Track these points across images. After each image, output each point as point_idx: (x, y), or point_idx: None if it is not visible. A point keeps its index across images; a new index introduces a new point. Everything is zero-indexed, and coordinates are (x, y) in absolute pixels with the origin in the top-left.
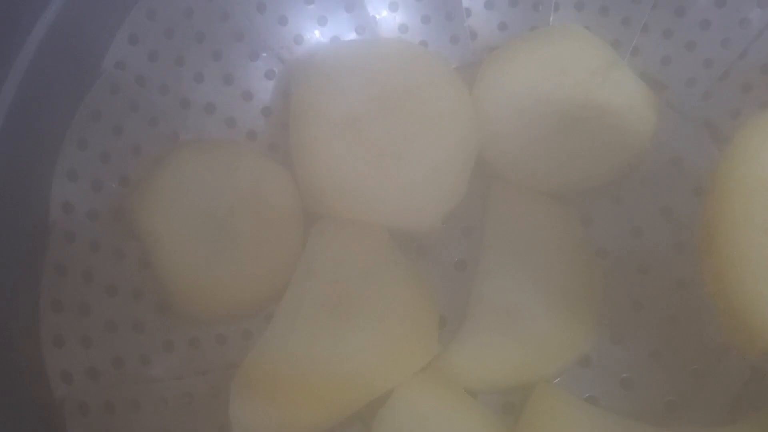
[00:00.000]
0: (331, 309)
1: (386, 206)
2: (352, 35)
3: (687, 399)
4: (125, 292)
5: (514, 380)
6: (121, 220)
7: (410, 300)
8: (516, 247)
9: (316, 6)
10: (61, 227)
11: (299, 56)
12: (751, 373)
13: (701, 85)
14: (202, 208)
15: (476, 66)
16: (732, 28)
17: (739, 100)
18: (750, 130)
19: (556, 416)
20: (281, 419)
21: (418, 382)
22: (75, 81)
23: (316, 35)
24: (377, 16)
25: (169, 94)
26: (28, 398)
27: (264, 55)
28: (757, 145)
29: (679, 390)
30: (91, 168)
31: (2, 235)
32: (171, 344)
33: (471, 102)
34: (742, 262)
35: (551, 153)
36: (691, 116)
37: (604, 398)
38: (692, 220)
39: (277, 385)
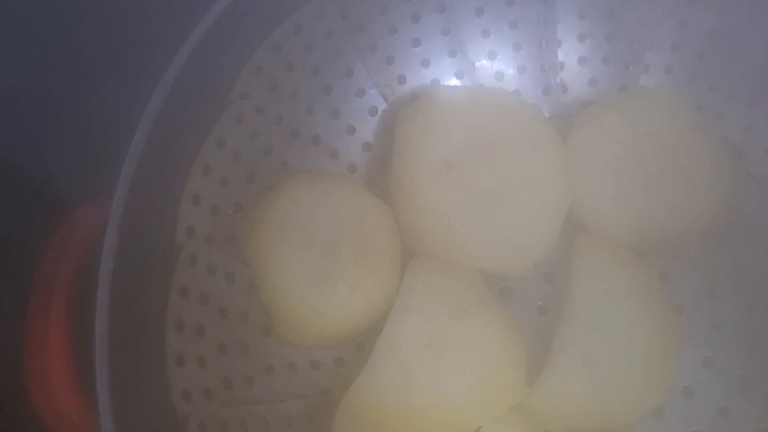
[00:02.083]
0: (427, 345)
1: (481, 249)
2: (452, 79)
3: None
4: (234, 315)
5: (590, 426)
6: (233, 245)
7: (502, 341)
8: (599, 298)
9: (422, 49)
10: (186, 251)
11: (401, 95)
12: None
13: None
14: (307, 238)
15: (566, 118)
16: None
17: None
18: None
19: None
20: None
21: (503, 421)
22: (207, 111)
23: (418, 77)
24: (476, 63)
25: (282, 125)
26: (156, 416)
27: (370, 92)
28: None
29: None
30: (212, 194)
31: (139, 260)
32: (272, 368)
33: (564, 154)
34: None
35: (635, 210)
36: (767, 184)
37: None
38: (764, 283)
39: (377, 417)
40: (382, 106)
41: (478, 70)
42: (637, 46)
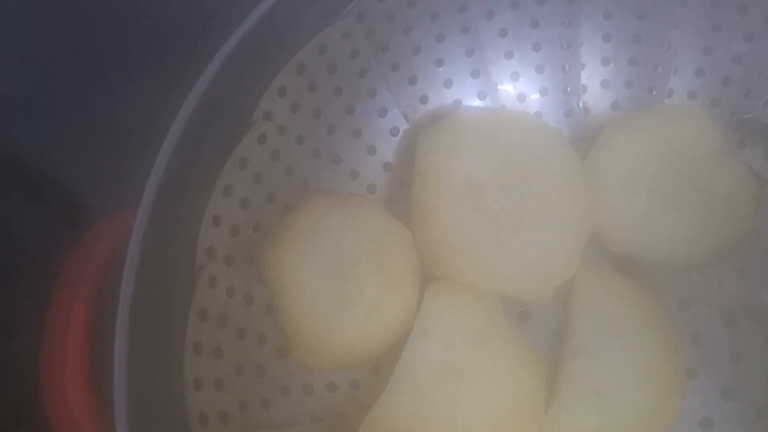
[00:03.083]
0: (445, 372)
1: (501, 274)
2: (474, 100)
3: None
4: (252, 337)
5: None
6: (252, 266)
7: (521, 368)
8: (603, 329)
9: (445, 69)
10: (206, 272)
11: (423, 116)
12: None
13: None
14: (326, 259)
15: (587, 141)
16: None
17: None
18: None
19: None
20: None
21: None
22: (230, 131)
23: (440, 97)
24: (499, 85)
25: (303, 144)
26: None
27: (392, 112)
28: None
29: None
30: (232, 214)
31: (159, 282)
32: (288, 390)
33: (587, 179)
34: None
35: (655, 229)
36: None
37: None
38: None
39: None
40: (403, 126)
41: (500, 91)
42: (661, 70)
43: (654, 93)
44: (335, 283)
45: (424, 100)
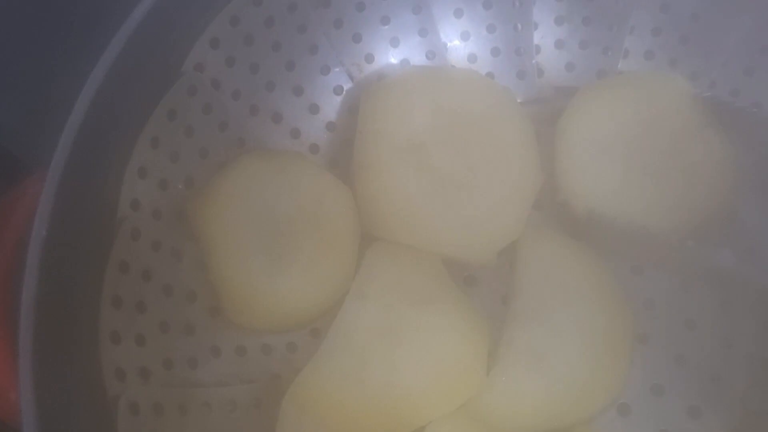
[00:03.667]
0: (383, 334)
1: (444, 236)
2: (422, 60)
3: None
4: (180, 294)
5: (545, 424)
6: (182, 222)
7: (462, 330)
8: (546, 293)
9: (391, 27)
10: (128, 224)
11: (368, 75)
12: None
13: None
14: (261, 217)
15: (540, 102)
16: None
17: None
18: None
19: None
20: None
21: (449, 421)
22: (156, 80)
23: (387, 56)
24: (448, 44)
25: (240, 100)
26: (83, 394)
27: (336, 70)
28: None
29: None
30: (161, 167)
31: (74, 229)
32: (218, 350)
33: (535, 139)
34: None
35: (629, 197)
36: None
37: None
38: (744, 283)
39: (325, 407)
40: (347, 85)
41: (450, 51)
42: (616, 30)
43: (609, 53)
44: (269, 242)
45: (369, 58)
